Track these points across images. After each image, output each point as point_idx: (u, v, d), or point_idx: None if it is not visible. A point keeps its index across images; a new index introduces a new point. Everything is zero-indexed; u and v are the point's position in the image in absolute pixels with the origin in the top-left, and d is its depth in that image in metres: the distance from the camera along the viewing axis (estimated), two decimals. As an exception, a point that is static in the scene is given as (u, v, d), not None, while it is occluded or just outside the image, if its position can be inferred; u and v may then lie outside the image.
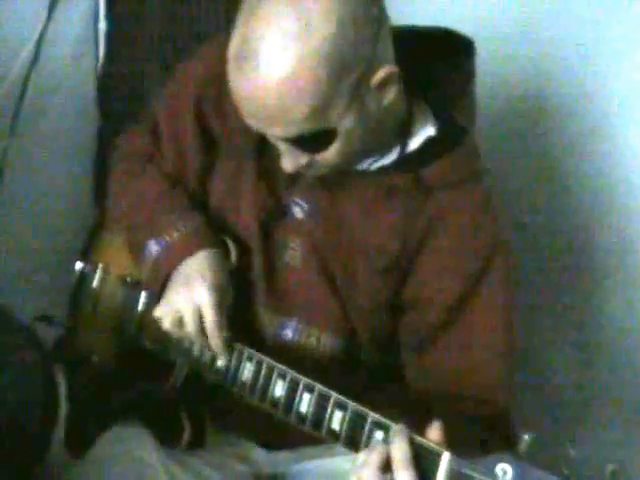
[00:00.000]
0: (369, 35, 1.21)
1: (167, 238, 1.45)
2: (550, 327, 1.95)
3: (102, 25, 2.27)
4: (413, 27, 1.39)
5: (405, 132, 1.37)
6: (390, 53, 1.27)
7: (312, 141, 1.26)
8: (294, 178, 1.40)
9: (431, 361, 1.39)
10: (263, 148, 1.38)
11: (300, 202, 1.42)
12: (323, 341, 1.43)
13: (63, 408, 1.64)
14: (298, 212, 1.42)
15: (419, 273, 1.37)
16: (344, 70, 1.20)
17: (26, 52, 2.09)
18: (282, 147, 1.30)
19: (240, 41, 1.21)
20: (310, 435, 1.45)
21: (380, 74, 1.24)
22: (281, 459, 1.57)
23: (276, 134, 1.27)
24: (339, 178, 1.38)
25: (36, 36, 2.09)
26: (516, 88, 1.88)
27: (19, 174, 2.14)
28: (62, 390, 1.65)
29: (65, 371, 1.66)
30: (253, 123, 1.27)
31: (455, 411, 1.33)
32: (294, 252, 1.43)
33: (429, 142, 1.37)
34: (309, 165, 1.31)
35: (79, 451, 1.54)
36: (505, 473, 1.04)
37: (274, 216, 1.43)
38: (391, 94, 1.27)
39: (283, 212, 1.43)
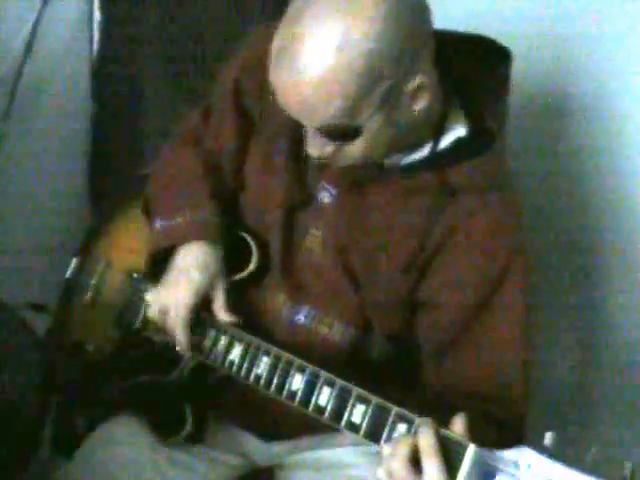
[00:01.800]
0: (408, 52, 1.25)
1: (171, 221, 1.52)
2: (553, 327, 1.95)
3: (97, 16, 2.27)
4: (451, 31, 1.42)
5: (438, 129, 1.39)
6: (428, 64, 1.30)
7: (339, 133, 1.29)
8: (325, 165, 1.43)
9: (449, 362, 1.41)
10: (297, 132, 1.41)
11: (329, 187, 1.44)
12: (335, 329, 1.46)
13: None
14: (325, 197, 1.45)
15: (438, 274, 1.40)
16: (376, 81, 1.23)
17: (19, 44, 2.08)
18: (310, 132, 1.33)
19: (283, 37, 1.26)
20: (308, 425, 1.47)
21: (414, 84, 1.27)
22: (278, 450, 1.59)
23: (305, 122, 1.31)
24: (368, 170, 1.41)
25: (29, 27, 2.09)
26: (532, 87, 1.88)
27: (12, 166, 2.13)
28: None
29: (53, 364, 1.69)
30: (285, 108, 1.31)
31: (472, 410, 1.32)
32: (315, 238, 1.46)
33: (459, 143, 1.39)
34: (334, 155, 1.34)
35: (67, 448, 1.58)
36: (529, 466, 1.07)
37: (300, 199, 1.47)
38: (423, 101, 1.30)
39: (309, 196, 1.46)
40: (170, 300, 1.47)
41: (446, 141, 1.40)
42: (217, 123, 1.60)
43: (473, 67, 1.41)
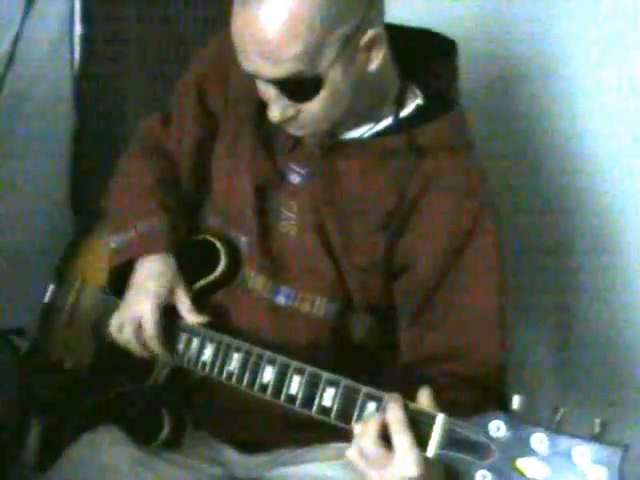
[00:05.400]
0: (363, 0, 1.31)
1: (123, 237, 1.56)
2: (529, 327, 1.97)
3: (78, 28, 2.30)
4: (399, 26, 1.47)
5: (398, 103, 1.45)
6: (381, 20, 1.35)
7: (299, 88, 1.32)
8: (292, 146, 1.47)
9: (425, 323, 1.43)
10: (263, 115, 1.43)
11: (298, 168, 1.48)
12: (317, 306, 1.47)
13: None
14: (295, 178, 1.48)
15: (412, 232, 1.42)
16: (337, 21, 1.28)
17: (1, 53, 2.09)
18: (271, 94, 1.35)
19: None
20: (287, 437, 1.52)
21: (369, 35, 1.32)
22: (257, 463, 1.58)
23: (267, 74, 1.32)
24: (336, 146, 1.45)
25: (11, 37, 2.10)
26: (496, 88, 1.92)
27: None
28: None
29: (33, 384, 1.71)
30: (248, 63, 1.33)
31: (449, 372, 1.38)
32: (288, 221, 1.48)
33: (419, 109, 1.45)
34: (295, 118, 1.37)
35: (51, 463, 1.55)
36: (499, 429, 1.07)
37: (270, 181, 1.49)
38: (378, 58, 1.35)
39: (280, 178, 1.49)
40: (133, 317, 1.49)
41: (407, 110, 1.46)
42: (178, 122, 1.63)
43: (424, 54, 1.48)
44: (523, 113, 1.93)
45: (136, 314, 1.49)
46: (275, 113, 1.36)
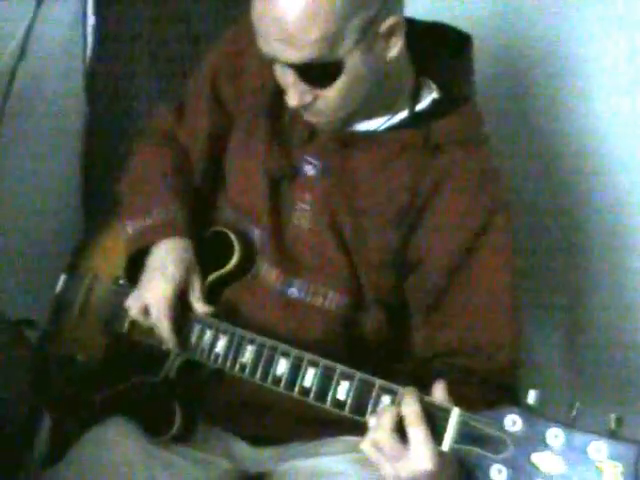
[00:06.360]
0: None
1: (141, 223, 1.56)
2: (539, 327, 1.97)
3: (91, 21, 2.30)
4: (414, 19, 1.47)
5: (413, 97, 1.46)
6: (400, 7, 1.36)
7: (318, 73, 1.33)
8: (308, 138, 1.48)
9: (438, 321, 1.44)
10: (277, 107, 1.45)
11: (312, 160, 1.48)
12: (329, 299, 1.47)
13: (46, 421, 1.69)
14: (310, 170, 1.48)
15: (425, 229, 1.43)
16: (358, 7, 1.28)
17: (13, 47, 2.09)
18: (289, 80, 1.35)
19: None
20: (297, 429, 1.52)
21: (389, 22, 1.32)
22: (267, 456, 1.58)
23: (287, 58, 1.32)
24: (351, 138, 1.45)
25: (23, 31, 2.10)
26: (509, 87, 1.93)
27: (5, 170, 2.14)
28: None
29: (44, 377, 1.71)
30: (268, 48, 1.33)
31: (462, 368, 1.38)
32: (302, 213, 1.48)
33: (435, 103, 1.46)
34: (312, 104, 1.37)
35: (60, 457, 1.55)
36: (514, 423, 1.07)
37: (285, 174, 1.49)
38: (397, 46, 1.36)
39: (294, 171, 1.49)
40: (149, 297, 1.49)
41: (422, 105, 1.47)
42: (192, 116, 1.64)
43: (438, 49, 1.48)
44: (536, 112, 1.93)
45: (157, 295, 1.48)
46: (293, 98, 1.37)
